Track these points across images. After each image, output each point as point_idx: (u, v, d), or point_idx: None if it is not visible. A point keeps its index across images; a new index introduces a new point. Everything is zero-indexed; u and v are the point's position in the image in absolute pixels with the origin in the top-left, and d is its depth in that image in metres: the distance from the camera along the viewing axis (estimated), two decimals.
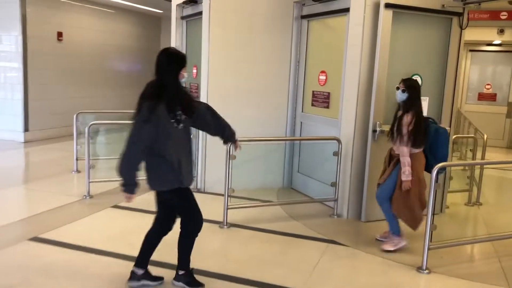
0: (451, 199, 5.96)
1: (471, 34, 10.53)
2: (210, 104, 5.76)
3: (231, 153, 4.72)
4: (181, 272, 3.42)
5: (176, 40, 7.10)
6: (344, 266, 4.00)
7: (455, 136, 5.68)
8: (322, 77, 5.80)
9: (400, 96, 4.19)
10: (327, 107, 5.73)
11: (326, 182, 5.49)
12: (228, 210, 4.83)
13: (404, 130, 4.08)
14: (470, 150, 6.69)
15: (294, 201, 5.87)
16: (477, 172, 6.17)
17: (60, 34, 9.67)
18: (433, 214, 3.90)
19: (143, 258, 3.43)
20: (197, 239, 3.71)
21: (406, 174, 4.06)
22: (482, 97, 11.55)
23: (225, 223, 4.79)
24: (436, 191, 3.90)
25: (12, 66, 9.02)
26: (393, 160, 4.31)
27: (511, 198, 7.03)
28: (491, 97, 11.45)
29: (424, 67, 5.19)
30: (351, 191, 5.20)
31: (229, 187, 4.78)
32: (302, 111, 6.24)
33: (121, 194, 3.16)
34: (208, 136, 5.94)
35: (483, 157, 6.04)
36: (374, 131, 4.94)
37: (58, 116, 9.56)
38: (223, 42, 5.91)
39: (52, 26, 9.53)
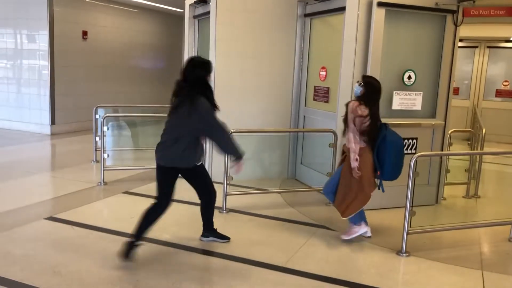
0: (450, 192, 6.14)
1: (489, 31, 10.58)
2: (217, 99, 6.22)
3: None
4: (132, 240, 3.75)
5: (189, 38, 7.49)
6: (327, 248, 4.28)
7: (452, 130, 5.84)
8: (323, 73, 6.08)
9: (356, 89, 4.22)
10: (327, 101, 6.00)
11: (325, 173, 5.76)
12: (228, 197, 5.18)
13: (350, 116, 4.14)
14: (468, 144, 6.83)
15: (289, 189, 6.18)
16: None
17: (85, 33, 10.25)
18: (412, 201, 4.12)
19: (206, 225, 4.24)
20: (196, 223, 4.11)
21: (352, 159, 4.12)
22: (499, 93, 11.50)
23: (224, 209, 5.14)
24: (414, 179, 4.12)
25: (40, 63, 9.65)
26: (343, 155, 4.42)
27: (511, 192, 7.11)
28: (509, 94, 11.39)
29: (418, 63, 5.40)
30: None
31: (228, 174, 5.13)
32: (305, 106, 6.53)
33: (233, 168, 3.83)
34: None
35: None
36: None
37: (82, 110, 10.13)
38: (229, 40, 6.25)
39: (77, 25, 10.11)
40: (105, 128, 6.08)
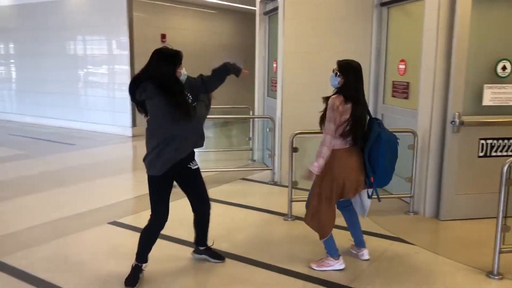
0: None
1: None
2: (285, 98, 5.81)
3: (293, 144, 4.72)
4: (135, 263, 3.43)
5: (259, 35, 7.24)
6: (402, 264, 3.76)
7: None
8: (402, 66, 5.49)
9: (333, 80, 3.55)
10: (407, 97, 5.41)
11: (404, 177, 5.19)
12: (293, 203, 4.82)
13: (329, 114, 3.42)
14: None
15: None
16: None
17: (163, 36, 10.41)
18: (505, 213, 3.49)
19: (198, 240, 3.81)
20: (258, 230, 3.77)
21: (315, 165, 3.41)
22: None
23: (289, 216, 4.80)
24: (508, 188, 3.48)
25: (121, 68, 9.97)
26: None
27: None
28: None
29: None
30: (428, 187, 4.85)
31: (293, 179, 4.77)
32: (383, 103, 5.97)
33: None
34: (283, 131, 6.01)
35: None
36: (452, 122, 4.56)
37: None
38: (297, 35, 5.90)
39: (156, 29, 10.31)
40: None
